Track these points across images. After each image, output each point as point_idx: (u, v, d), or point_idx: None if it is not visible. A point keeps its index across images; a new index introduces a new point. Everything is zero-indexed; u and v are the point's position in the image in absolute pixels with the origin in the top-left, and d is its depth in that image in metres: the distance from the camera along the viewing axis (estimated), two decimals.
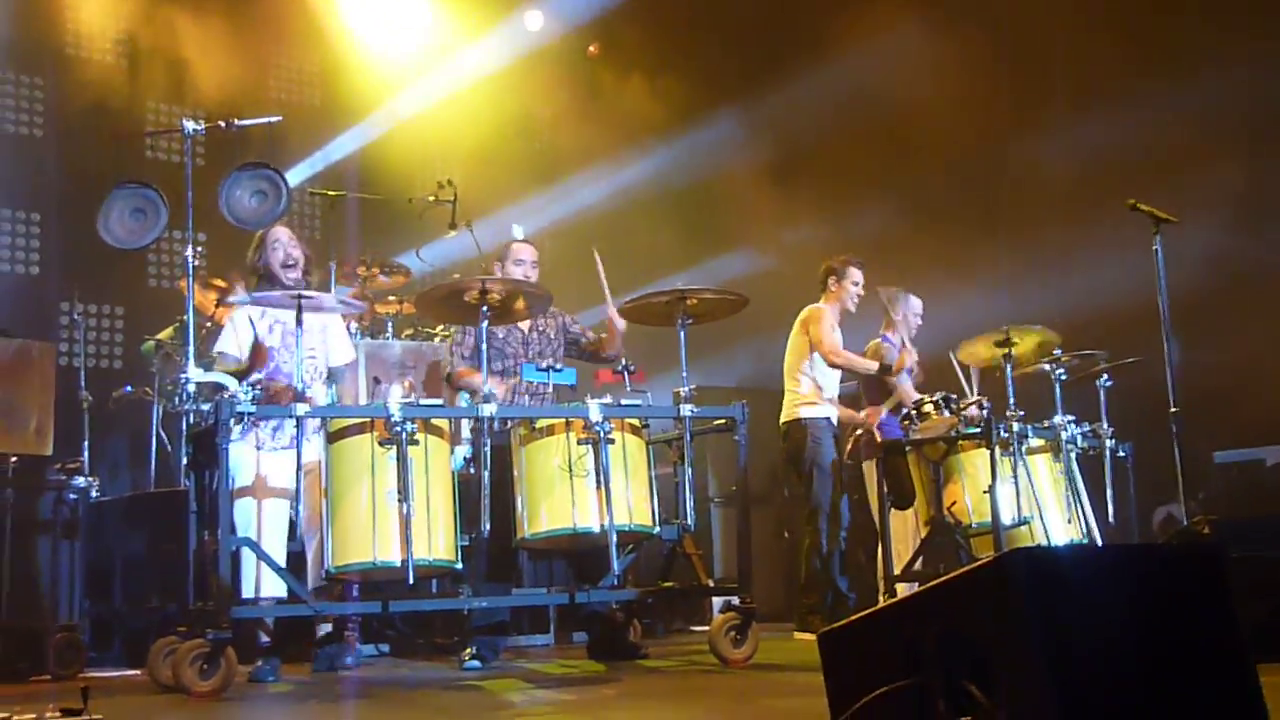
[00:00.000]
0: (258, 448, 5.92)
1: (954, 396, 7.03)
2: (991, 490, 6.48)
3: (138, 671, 6.20)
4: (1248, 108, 9.09)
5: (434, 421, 5.71)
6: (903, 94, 10.42)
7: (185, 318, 5.75)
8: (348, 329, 7.38)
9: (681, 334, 6.16)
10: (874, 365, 7.58)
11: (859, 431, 7.78)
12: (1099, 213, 8.75)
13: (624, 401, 6.01)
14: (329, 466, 5.61)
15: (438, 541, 5.54)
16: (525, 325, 6.75)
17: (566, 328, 6.93)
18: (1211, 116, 9.18)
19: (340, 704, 5.36)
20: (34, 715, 3.91)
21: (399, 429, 5.46)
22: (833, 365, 7.58)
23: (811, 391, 7.59)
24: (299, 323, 5.59)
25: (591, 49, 12.38)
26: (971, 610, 2.52)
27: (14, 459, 6.86)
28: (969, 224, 10.44)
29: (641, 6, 11.40)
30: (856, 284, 7.77)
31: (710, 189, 11.39)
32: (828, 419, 7.61)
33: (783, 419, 7.69)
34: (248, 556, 5.61)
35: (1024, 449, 6.69)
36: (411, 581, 5.45)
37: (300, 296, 5.58)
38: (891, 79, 10.48)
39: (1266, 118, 9.08)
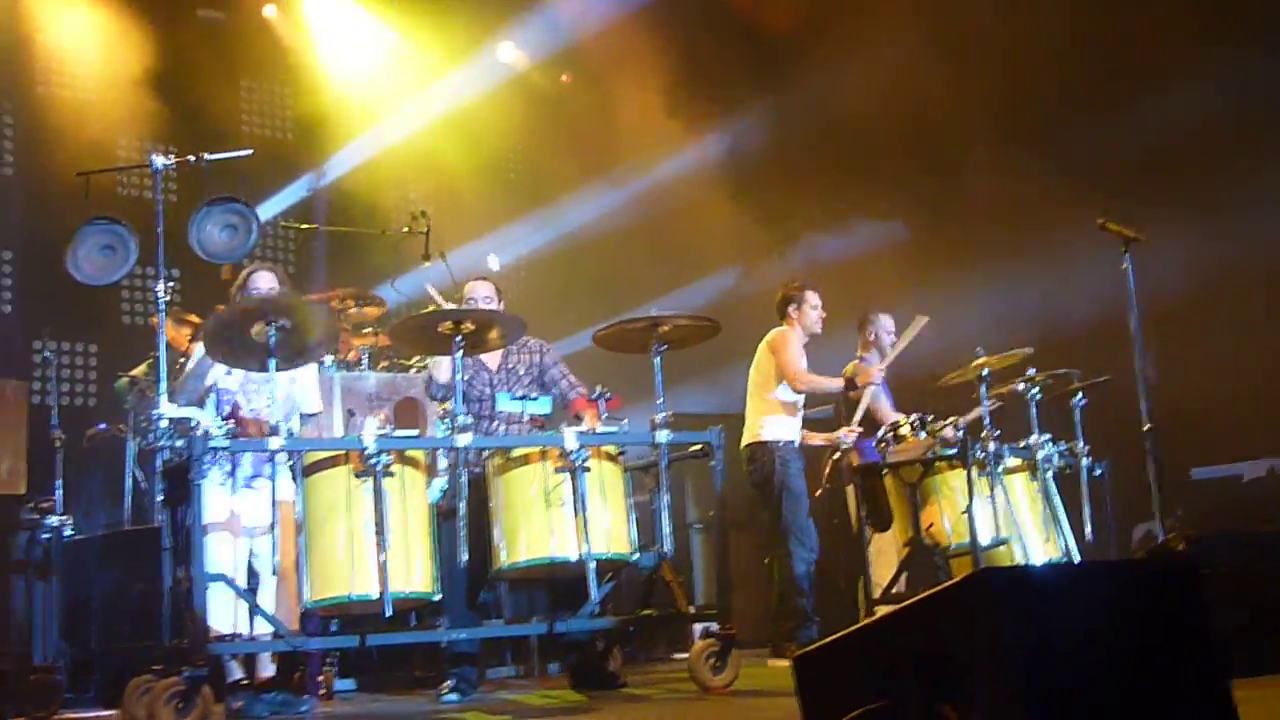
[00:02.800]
0: (229, 485, 5.87)
1: (930, 417, 7.04)
2: (969, 511, 6.49)
3: (114, 712, 6.14)
4: (1221, 122, 9.15)
5: (410, 453, 5.68)
6: (873, 119, 10.48)
7: (158, 354, 5.72)
8: (320, 364, 7.35)
9: (656, 361, 6.16)
10: (838, 383, 7.58)
11: (836, 455, 7.78)
12: (1070, 231, 8.80)
13: (600, 429, 6.00)
14: (303, 500, 5.57)
15: (415, 573, 5.51)
16: (493, 364, 6.70)
17: (545, 367, 6.84)
18: (1185, 132, 9.24)
19: None
20: None
21: (374, 461, 5.43)
22: (799, 391, 7.56)
23: (778, 413, 7.55)
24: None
25: (564, 78, 12.42)
26: (946, 630, 2.51)
27: None
28: (941, 246, 10.48)
29: (613, 37, 11.44)
30: (815, 307, 7.76)
31: (684, 216, 11.41)
32: (792, 442, 7.59)
33: (745, 441, 7.64)
34: (223, 593, 5.55)
35: (1001, 469, 6.70)
36: (389, 614, 5.42)
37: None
38: (861, 105, 10.54)
39: (1238, 131, 9.15)
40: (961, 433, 6.71)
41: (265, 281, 6.17)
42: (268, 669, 5.97)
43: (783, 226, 10.81)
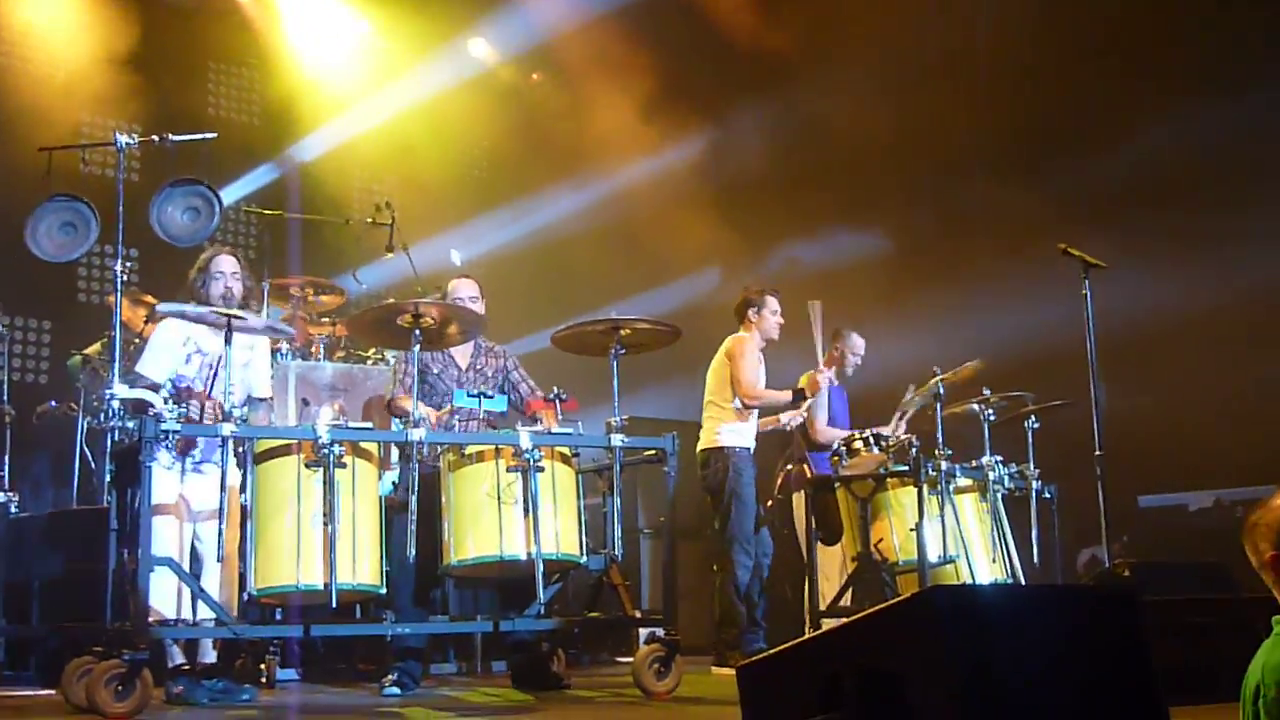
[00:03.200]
0: (178, 468, 5.82)
1: (883, 433, 7.08)
2: (918, 528, 6.53)
3: (52, 691, 6.08)
4: (1176, 159, 9.27)
5: (362, 445, 5.66)
6: (843, 134, 10.54)
7: (113, 333, 5.68)
8: (276, 352, 7.31)
9: (614, 364, 6.16)
10: (786, 396, 7.56)
11: (789, 466, 7.81)
12: (1029, 256, 8.88)
13: (555, 430, 6.00)
14: (254, 487, 5.55)
15: (362, 566, 5.50)
16: (463, 362, 6.68)
17: (508, 372, 6.83)
18: (1142, 166, 9.37)
19: None
20: None
21: (326, 451, 5.42)
22: (749, 406, 7.54)
23: (733, 419, 7.55)
24: (224, 354, 5.51)
25: (534, 76, 12.41)
26: (891, 646, 2.53)
27: None
28: (902, 263, 10.55)
29: (585, 37, 11.44)
30: (775, 313, 7.73)
31: (651, 221, 11.42)
32: (748, 449, 7.58)
33: (701, 446, 7.61)
34: (168, 577, 5.50)
35: (951, 488, 6.75)
36: (335, 606, 5.40)
37: (228, 327, 5.50)
38: (832, 117, 10.61)
39: (1194, 169, 9.27)
40: (915, 449, 6.75)
41: (228, 265, 6.13)
42: (209, 655, 5.93)
43: (752, 234, 10.83)
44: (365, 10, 11.37)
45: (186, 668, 5.81)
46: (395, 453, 6.13)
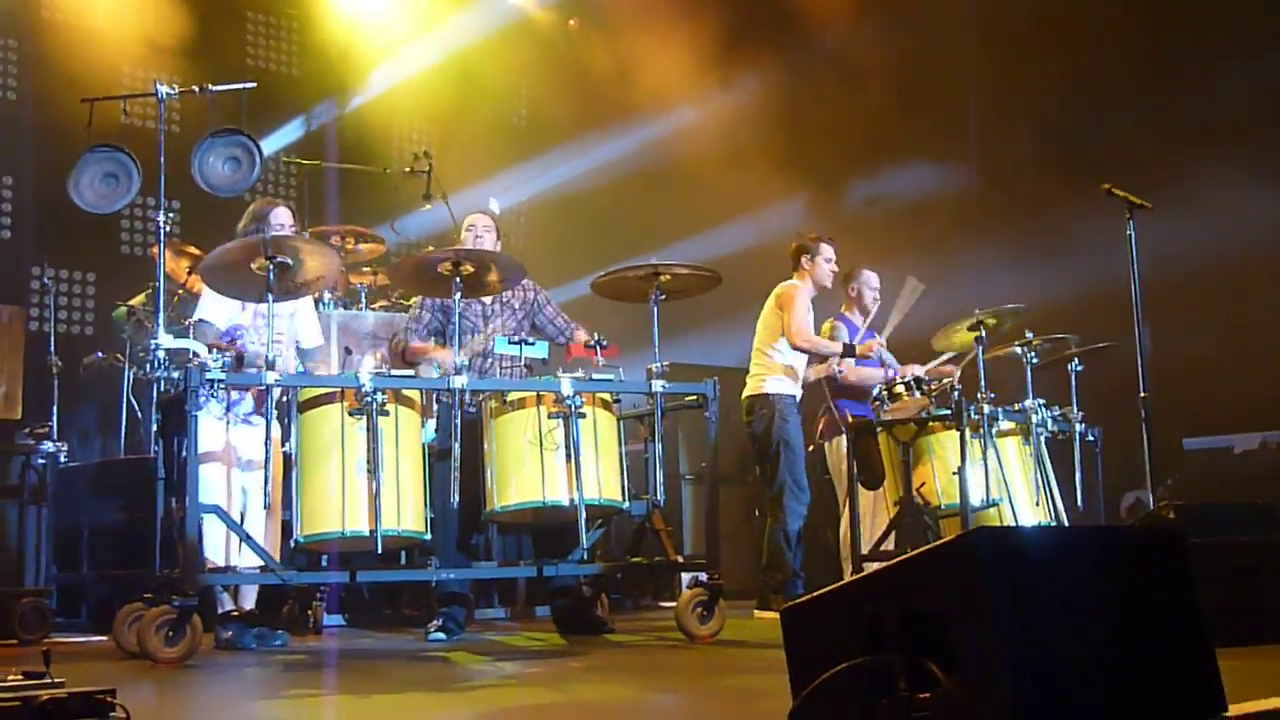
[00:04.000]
0: (226, 420, 5.88)
1: (926, 378, 7.05)
2: (961, 472, 6.50)
3: (104, 638, 6.18)
4: (1222, 104, 9.14)
5: (405, 393, 5.69)
6: (878, 75, 10.44)
7: (157, 284, 5.73)
8: (318, 301, 7.35)
9: (654, 310, 6.16)
10: (837, 347, 7.54)
11: (826, 412, 7.80)
12: (1073, 197, 8.79)
13: (596, 376, 6.01)
14: (298, 436, 5.59)
15: (406, 513, 5.54)
16: (487, 297, 6.70)
17: (539, 306, 6.84)
18: (1187, 109, 9.23)
19: (304, 673, 5.36)
20: None
21: (369, 400, 5.45)
22: (798, 349, 7.54)
23: (780, 369, 7.54)
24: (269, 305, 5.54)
25: (572, 22, 12.33)
26: (934, 588, 2.52)
27: None
28: (942, 208, 10.47)
29: None
30: (830, 260, 7.70)
31: (689, 166, 11.36)
32: (794, 397, 7.57)
33: (747, 393, 7.61)
34: (215, 525, 5.57)
35: (994, 432, 6.71)
36: (380, 552, 5.45)
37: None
38: (867, 61, 10.51)
39: (1242, 114, 9.13)
40: (957, 393, 6.72)
41: (285, 218, 6.18)
42: (249, 601, 6.02)
43: (791, 180, 10.75)
44: None
45: (235, 613, 5.90)
46: (435, 400, 6.17)
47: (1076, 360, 7.14)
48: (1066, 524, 6.87)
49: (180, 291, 7.82)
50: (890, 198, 10.45)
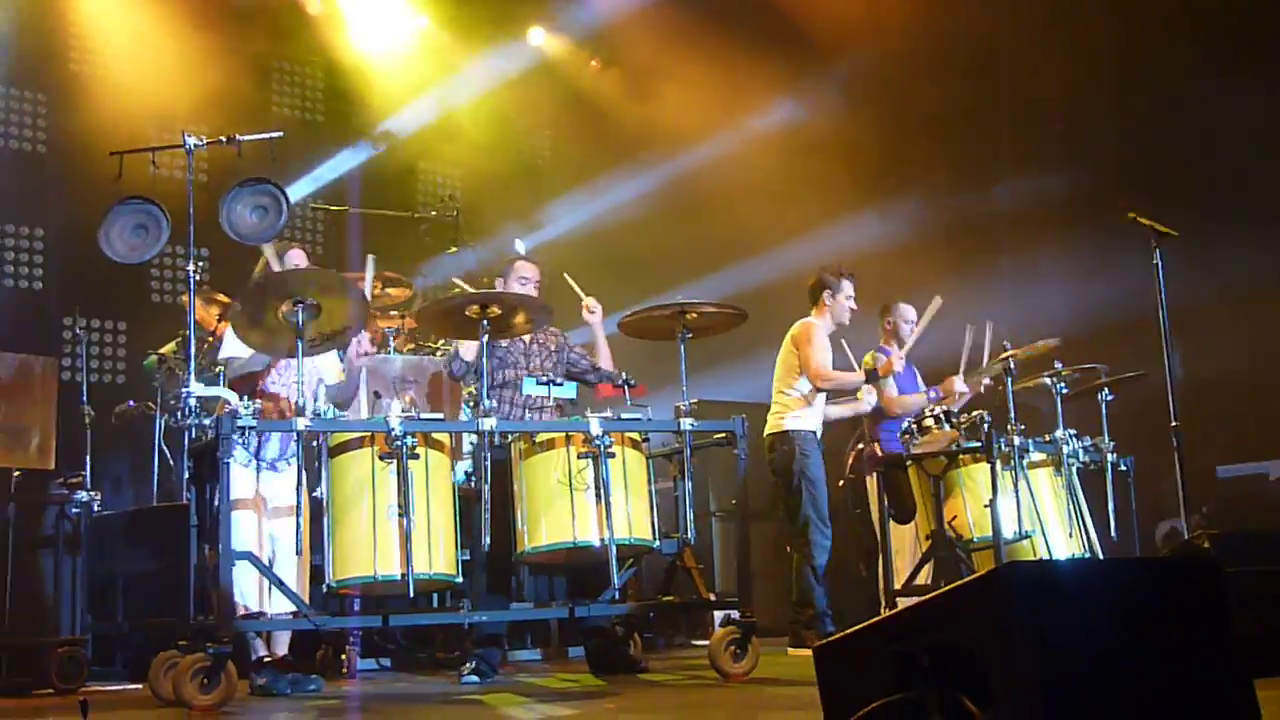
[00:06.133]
0: (257, 467, 5.92)
1: (955, 411, 7.03)
2: (992, 504, 6.47)
3: (139, 686, 6.20)
4: (1248, 123, 9.11)
5: (434, 435, 5.71)
6: (900, 102, 10.46)
7: (187, 332, 5.77)
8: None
9: (682, 348, 6.17)
10: (859, 378, 7.53)
11: (860, 446, 7.78)
12: (1099, 226, 8.77)
13: (624, 415, 6.01)
14: (329, 481, 5.61)
15: (438, 556, 5.54)
16: (527, 337, 6.74)
17: (567, 349, 6.92)
18: (1209, 132, 9.21)
19: (338, 717, 5.36)
20: None
21: (399, 443, 5.47)
22: (819, 389, 7.51)
23: (799, 406, 7.51)
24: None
25: (593, 63, 12.41)
26: (966, 623, 2.52)
27: (17, 474, 6.86)
28: (970, 238, 10.46)
29: (644, 21, 11.43)
30: (850, 297, 7.68)
31: (713, 203, 11.41)
32: (814, 432, 7.55)
33: (768, 431, 7.59)
34: (248, 571, 5.58)
35: (1025, 463, 6.68)
36: (412, 595, 5.46)
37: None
38: (887, 87, 10.54)
39: (1264, 131, 9.11)
40: (987, 425, 6.69)
41: (299, 259, 6.24)
42: (281, 647, 6.03)
43: (813, 214, 10.76)
44: (423, 5, 11.41)
45: (269, 659, 5.91)
46: (466, 442, 6.18)
47: (1107, 390, 7.11)
48: (1100, 555, 6.83)
49: (210, 339, 7.86)
50: (910, 228, 10.43)
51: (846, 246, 10.17)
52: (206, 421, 5.42)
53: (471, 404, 6.60)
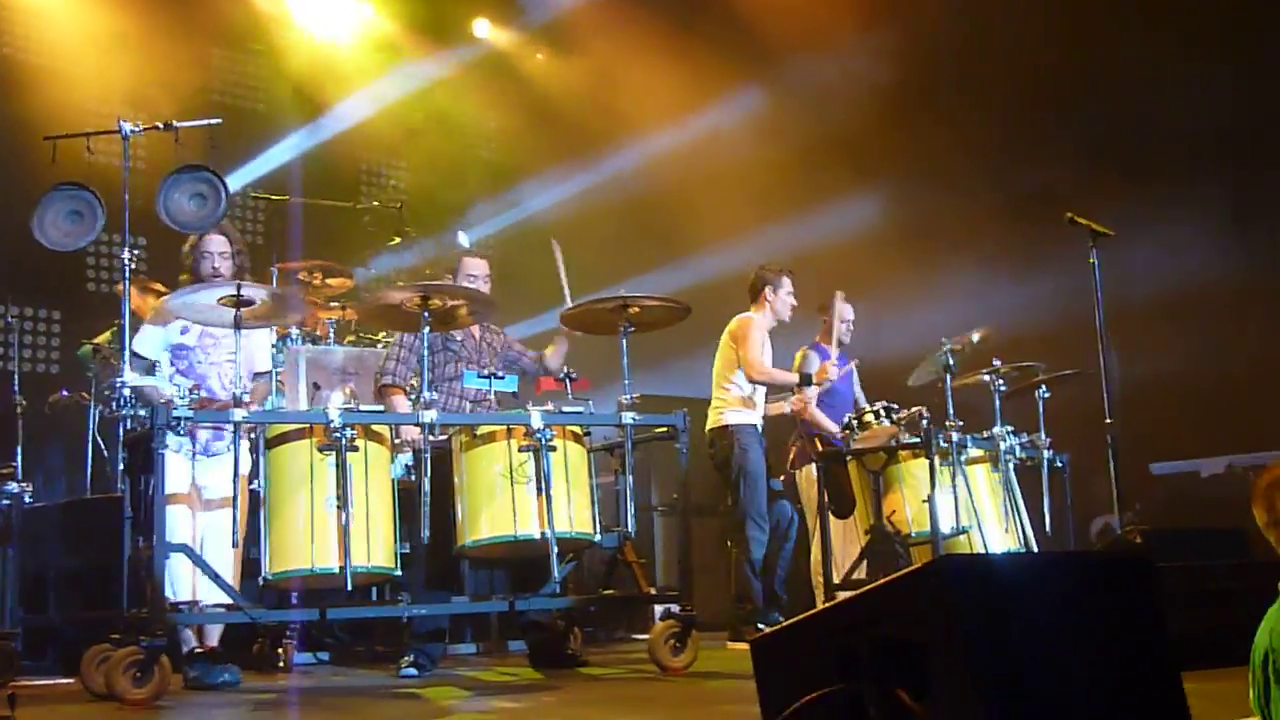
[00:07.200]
0: (191, 455, 5.85)
1: (894, 406, 7.08)
2: (931, 500, 6.52)
3: (71, 680, 6.11)
4: (1185, 125, 9.24)
5: (374, 428, 5.67)
6: (847, 106, 10.51)
7: (122, 321, 5.69)
8: (286, 336, 7.33)
9: (624, 342, 6.17)
10: (794, 378, 7.60)
11: (797, 442, 7.81)
12: (1038, 226, 8.85)
13: (566, 409, 6.00)
14: (266, 472, 5.56)
15: (376, 549, 5.51)
16: (477, 333, 6.73)
17: (507, 346, 6.94)
18: (1147, 134, 9.33)
19: (275, 712, 5.31)
20: None
21: (339, 435, 5.43)
22: (754, 382, 7.57)
23: (738, 401, 7.58)
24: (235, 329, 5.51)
25: (539, 56, 12.38)
26: (906, 615, 2.52)
27: None
28: (913, 237, 10.52)
29: (591, 15, 11.41)
30: (790, 293, 7.76)
31: (658, 198, 11.40)
32: (754, 426, 7.60)
33: (709, 426, 7.66)
34: (181, 561, 5.52)
35: (963, 459, 6.74)
36: (350, 588, 5.42)
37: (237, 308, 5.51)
38: (835, 90, 10.58)
39: (1202, 136, 9.23)
40: (925, 421, 6.75)
41: (215, 245, 6.15)
42: (213, 639, 5.96)
43: (758, 211, 10.78)
44: None
45: (200, 651, 5.85)
46: (406, 434, 6.15)
47: (1044, 387, 7.19)
48: (1036, 550, 6.90)
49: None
50: (853, 226, 10.48)
51: (791, 244, 10.22)
52: (141, 412, 5.35)
53: (413, 397, 6.57)
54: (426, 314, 5.77)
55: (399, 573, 5.66)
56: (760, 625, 7.09)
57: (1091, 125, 9.83)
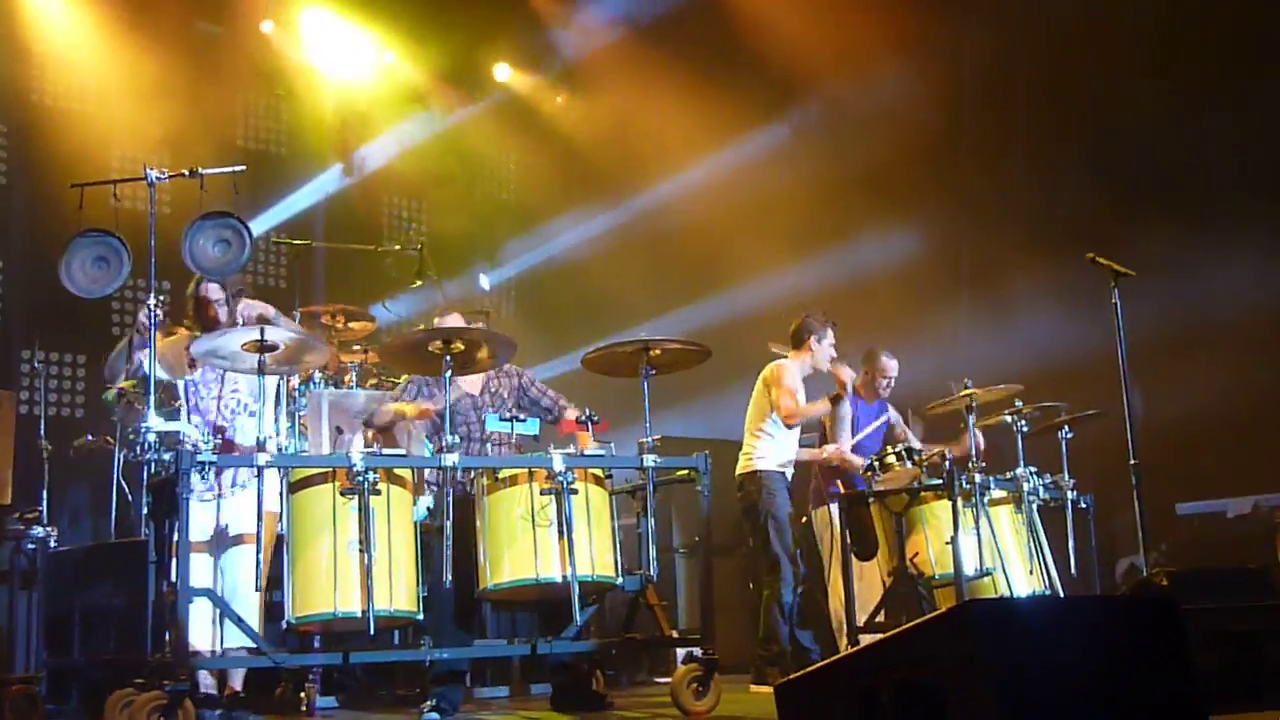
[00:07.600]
0: (218, 495, 5.87)
1: (917, 448, 7.06)
2: (954, 541, 6.49)
3: None
4: (1213, 160, 9.22)
5: (397, 471, 5.68)
6: (869, 147, 10.53)
7: (147, 367, 5.72)
8: (309, 380, 7.37)
9: (645, 384, 6.17)
10: (826, 406, 7.58)
11: (814, 480, 7.80)
12: (1059, 266, 8.84)
13: (587, 451, 6.00)
14: (289, 516, 5.57)
15: (399, 592, 5.51)
16: (476, 388, 6.74)
17: (525, 388, 6.90)
18: (1175, 168, 9.32)
19: None
20: None
21: (361, 479, 5.44)
22: (790, 425, 7.55)
23: (769, 448, 7.56)
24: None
25: (559, 99, 12.46)
26: (929, 659, 2.52)
27: None
28: (934, 276, 10.53)
29: (611, 59, 11.49)
30: (832, 345, 7.73)
31: (678, 239, 11.44)
32: (782, 473, 7.59)
33: (738, 470, 7.65)
34: (200, 610, 5.52)
35: (986, 500, 6.71)
36: (372, 632, 5.42)
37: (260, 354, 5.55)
38: (854, 129, 10.61)
39: (1216, 172, 9.22)
40: (949, 463, 6.73)
41: (214, 293, 6.19)
42: (237, 682, 5.96)
43: (779, 252, 10.80)
44: (389, 40, 11.42)
45: (219, 696, 5.84)
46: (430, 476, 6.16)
47: (1067, 427, 7.16)
48: (1061, 592, 6.85)
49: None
50: (878, 265, 10.49)
51: (811, 285, 10.23)
52: (166, 456, 5.38)
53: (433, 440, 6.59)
54: (448, 357, 5.78)
55: (421, 616, 5.65)
56: (787, 670, 7.04)
57: (1120, 160, 9.82)
